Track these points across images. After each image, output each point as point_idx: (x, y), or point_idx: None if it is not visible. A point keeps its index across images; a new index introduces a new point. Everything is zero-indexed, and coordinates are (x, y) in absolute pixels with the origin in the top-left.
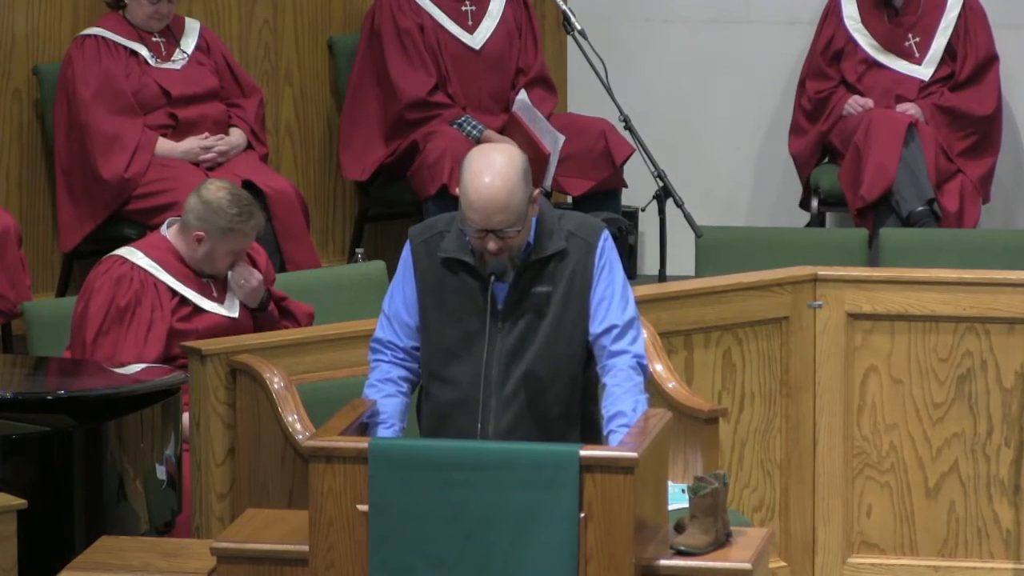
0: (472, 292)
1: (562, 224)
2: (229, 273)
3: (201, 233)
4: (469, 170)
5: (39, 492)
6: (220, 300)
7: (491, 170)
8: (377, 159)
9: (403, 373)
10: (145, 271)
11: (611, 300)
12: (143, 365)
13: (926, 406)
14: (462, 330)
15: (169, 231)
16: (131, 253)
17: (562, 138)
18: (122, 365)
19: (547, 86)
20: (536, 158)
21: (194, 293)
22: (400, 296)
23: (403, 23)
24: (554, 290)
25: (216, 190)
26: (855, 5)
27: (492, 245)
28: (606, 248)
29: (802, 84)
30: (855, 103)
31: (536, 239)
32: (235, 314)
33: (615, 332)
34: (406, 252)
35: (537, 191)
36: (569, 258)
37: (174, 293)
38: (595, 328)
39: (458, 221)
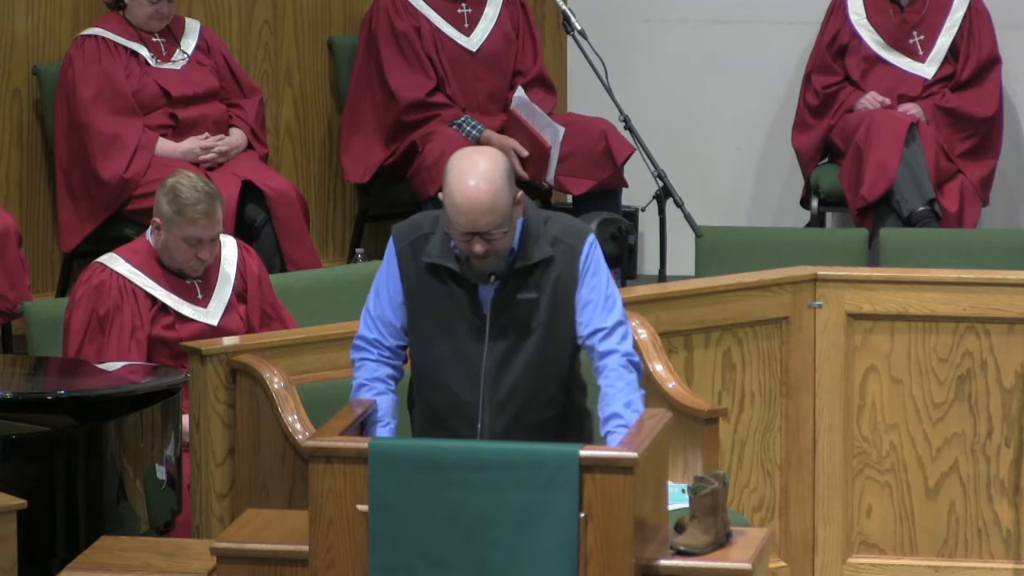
0: (459, 298)
1: (547, 229)
2: None
3: (158, 219)
4: (452, 174)
5: (39, 492)
6: (204, 304)
7: (475, 173)
8: (378, 161)
9: (389, 371)
10: (124, 278)
11: (596, 303)
12: (127, 362)
13: (926, 406)
14: (451, 336)
15: (150, 233)
16: (112, 260)
17: (562, 130)
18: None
19: (546, 87)
20: (538, 153)
21: (174, 298)
22: (386, 296)
23: (400, 26)
24: (540, 296)
25: (178, 177)
26: (861, 1)
27: (479, 248)
28: (591, 252)
29: (807, 79)
30: (873, 99)
31: (521, 245)
32: (215, 321)
33: (602, 333)
34: (390, 252)
35: (520, 192)
36: (555, 264)
37: (154, 300)
38: (582, 331)
39: (443, 224)
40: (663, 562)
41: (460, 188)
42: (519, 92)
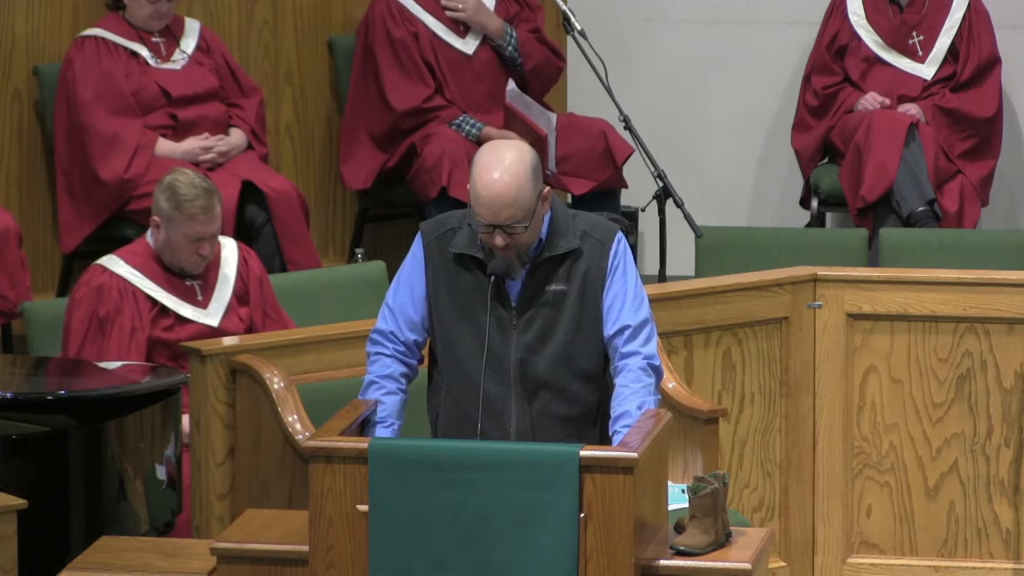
0: (484, 289)
1: (576, 224)
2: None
3: (157, 219)
4: (479, 165)
5: (39, 492)
6: (204, 305)
7: (500, 166)
8: (377, 167)
9: (403, 369)
10: (124, 280)
11: (624, 301)
12: (126, 362)
13: (926, 406)
14: (477, 328)
15: (150, 234)
16: (112, 261)
17: (554, 116)
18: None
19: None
20: (537, 143)
21: (174, 299)
22: (407, 290)
23: (396, 33)
24: (569, 289)
25: (175, 174)
26: (860, 1)
27: (500, 240)
28: (620, 249)
29: (807, 79)
30: (873, 99)
31: (549, 236)
32: (216, 322)
33: (627, 333)
34: (417, 247)
35: (548, 188)
36: (583, 258)
37: (154, 302)
38: (608, 329)
39: (468, 216)
40: (663, 562)
41: (484, 179)
42: (511, 85)
